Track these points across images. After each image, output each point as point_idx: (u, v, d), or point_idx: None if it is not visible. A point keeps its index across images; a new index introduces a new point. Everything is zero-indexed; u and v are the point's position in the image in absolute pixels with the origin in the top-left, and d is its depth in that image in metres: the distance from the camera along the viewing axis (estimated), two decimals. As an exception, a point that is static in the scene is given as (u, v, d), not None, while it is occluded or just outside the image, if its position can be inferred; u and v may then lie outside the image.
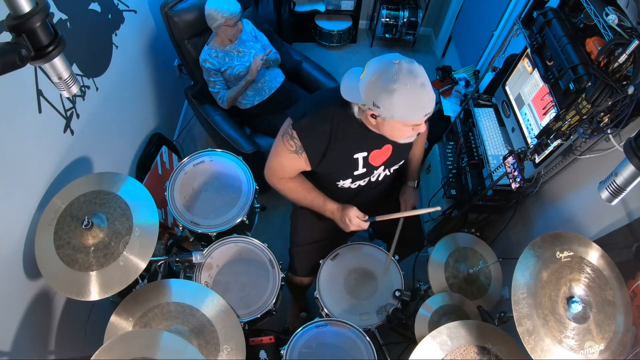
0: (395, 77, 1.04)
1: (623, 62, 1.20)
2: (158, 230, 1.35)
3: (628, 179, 1.02)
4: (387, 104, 1.06)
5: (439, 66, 2.66)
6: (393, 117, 1.10)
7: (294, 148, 1.26)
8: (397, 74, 1.04)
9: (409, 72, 1.04)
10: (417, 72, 1.06)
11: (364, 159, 1.32)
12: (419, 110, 1.09)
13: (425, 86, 1.06)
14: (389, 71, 1.05)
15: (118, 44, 1.90)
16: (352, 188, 1.43)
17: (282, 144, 1.28)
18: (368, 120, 1.18)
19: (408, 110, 1.08)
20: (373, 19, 3.59)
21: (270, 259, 1.64)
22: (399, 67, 1.05)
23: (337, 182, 1.39)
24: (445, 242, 1.65)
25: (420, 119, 1.11)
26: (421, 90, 1.06)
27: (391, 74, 1.04)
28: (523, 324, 1.13)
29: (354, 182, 1.40)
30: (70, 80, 0.84)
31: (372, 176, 1.41)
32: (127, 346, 1.11)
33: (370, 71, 1.08)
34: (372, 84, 1.07)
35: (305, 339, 1.46)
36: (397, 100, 1.05)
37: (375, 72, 1.06)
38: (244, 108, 2.34)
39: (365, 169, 1.36)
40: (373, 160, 1.35)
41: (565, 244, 1.25)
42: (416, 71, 1.06)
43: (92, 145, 1.73)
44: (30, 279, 1.38)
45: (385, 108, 1.08)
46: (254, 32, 2.31)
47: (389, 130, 1.18)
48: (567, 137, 1.45)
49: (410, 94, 1.05)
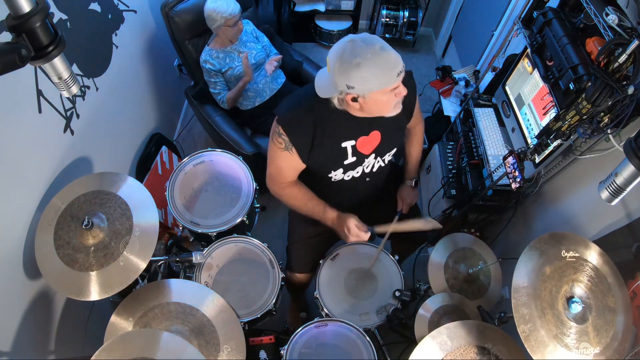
0: (354, 52, 1.07)
1: (623, 62, 1.20)
2: (158, 230, 1.35)
3: (628, 179, 1.02)
4: (358, 80, 1.09)
5: (439, 66, 2.66)
6: (371, 90, 1.12)
7: (283, 145, 1.28)
8: (355, 49, 1.07)
9: (364, 42, 1.08)
10: (372, 40, 1.09)
11: (352, 148, 1.33)
12: (390, 71, 1.10)
13: (384, 48, 1.09)
14: (346, 51, 1.08)
15: (118, 44, 1.90)
16: (345, 180, 1.43)
17: (273, 145, 1.31)
18: (351, 106, 1.20)
19: (380, 77, 1.10)
20: (373, 19, 3.59)
21: (270, 259, 1.64)
22: (353, 43, 1.08)
23: (330, 175, 1.39)
24: (445, 242, 1.65)
25: (395, 80, 1.12)
26: (383, 53, 1.08)
27: (350, 52, 1.07)
28: (520, 311, 1.14)
29: (345, 172, 1.40)
30: (70, 80, 0.84)
31: (364, 166, 1.41)
32: (127, 346, 1.11)
33: (331, 60, 1.11)
34: (338, 70, 1.09)
35: (305, 339, 1.46)
36: (366, 72, 1.07)
37: (336, 58, 1.09)
38: (245, 109, 2.34)
39: (355, 157, 1.36)
40: (362, 147, 1.35)
41: (571, 244, 1.26)
42: (370, 39, 1.09)
43: (92, 145, 1.73)
44: (30, 279, 1.38)
45: (359, 84, 1.10)
46: (254, 33, 2.31)
47: (374, 106, 1.18)
48: (567, 137, 1.45)
49: (375, 60, 1.07)
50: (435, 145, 2.39)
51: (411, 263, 2.15)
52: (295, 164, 1.34)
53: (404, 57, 1.12)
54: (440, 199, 2.21)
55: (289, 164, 1.34)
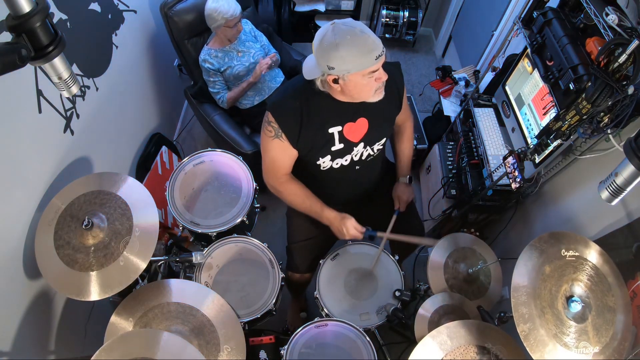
0: (334, 34, 1.11)
1: (623, 62, 1.20)
2: (158, 230, 1.35)
3: (628, 179, 1.02)
4: (338, 60, 1.12)
5: (439, 66, 2.66)
6: (349, 71, 1.15)
7: (273, 133, 1.31)
8: (335, 31, 1.12)
9: (345, 25, 1.12)
10: (353, 23, 1.13)
11: (339, 134, 1.35)
12: (369, 54, 1.13)
13: (364, 31, 1.12)
14: (328, 33, 1.13)
15: (118, 44, 1.90)
16: (334, 168, 1.44)
17: (264, 135, 1.34)
18: (333, 88, 1.23)
19: (358, 58, 1.13)
20: (373, 19, 3.59)
21: (270, 259, 1.64)
22: (334, 26, 1.13)
23: (318, 162, 1.40)
24: (445, 242, 1.65)
25: (373, 62, 1.15)
26: (362, 35, 1.12)
27: (330, 33, 1.12)
28: (519, 310, 1.14)
29: (333, 159, 1.40)
30: (70, 80, 0.84)
31: (353, 154, 1.42)
32: (127, 346, 1.11)
33: (315, 42, 1.16)
34: (319, 50, 1.15)
35: (305, 339, 1.46)
36: (345, 52, 1.11)
37: (319, 40, 1.15)
38: (244, 108, 2.35)
39: (343, 144, 1.37)
40: (349, 134, 1.36)
41: (571, 243, 1.26)
42: (352, 23, 1.13)
43: (92, 145, 1.73)
44: (30, 279, 1.38)
45: (339, 65, 1.13)
46: (253, 32, 2.31)
47: (354, 88, 1.21)
48: (567, 137, 1.45)
49: (354, 42, 1.11)
50: (435, 145, 2.39)
51: (411, 263, 2.15)
52: (288, 151, 1.35)
53: (404, 57, 1.13)
54: (440, 199, 2.21)
55: (282, 152, 1.35)
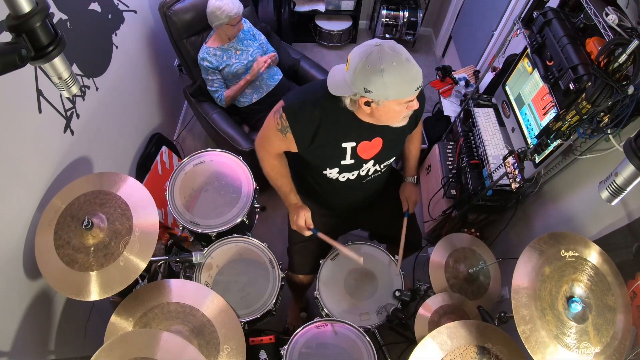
0: (380, 58, 1.06)
1: (623, 62, 1.20)
2: (158, 230, 1.35)
3: (628, 179, 1.03)
4: (378, 85, 1.08)
5: (439, 66, 2.66)
6: (387, 97, 1.11)
7: (279, 127, 1.29)
8: (382, 55, 1.06)
9: (392, 50, 1.07)
10: (400, 50, 1.09)
11: (352, 150, 1.33)
12: (411, 84, 1.10)
13: (410, 60, 1.09)
14: (372, 55, 1.07)
15: (118, 44, 1.90)
16: (340, 181, 1.43)
17: (272, 120, 1.31)
18: (362, 109, 1.19)
19: (400, 86, 1.10)
20: (373, 19, 3.59)
21: (270, 259, 1.64)
22: (381, 49, 1.07)
23: (324, 171, 1.39)
24: (445, 242, 1.65)
25: (413, 92, 1.13)
26: (408, 64, 1.08)
27: (376, 56, 1.07)
28: (520, 312, 1.14)
29: (341, 173, 1.40)
30: (70, 80, 0.84)
31: (361, 170, 1.41)
32: (127, 346, 1.11)
33: (354, 60, 1.10)
34: (360, 71, 1.09)
35: (305, 339, 1.46)
36: (388, 79, 1.07)
37: (360, 59, 1.09)
38: (242, 106, 2.35)
39: (354, 160, 1.36)
40: (362, 152, 1.35)
41: (571, 244, 1.26)
42: (398, 48, 1.09)
43: (92, 145, 1.73)
44: (30, 279, 1.38)
45: (378, 90, 1.09)
46: (251, 31, 2.31)
47: (385, 114, 1.19)
48: (567, 137, 1.45)
49: (399, 70, 1.07)
50: (435, 145, 2.39)
51: (411, 263, 2.15)
52: (283, 146, 1.36)
53: (404, 57, 1.11)
54: (440, 199, 2.21)
55: (277, 142, 1.35)
